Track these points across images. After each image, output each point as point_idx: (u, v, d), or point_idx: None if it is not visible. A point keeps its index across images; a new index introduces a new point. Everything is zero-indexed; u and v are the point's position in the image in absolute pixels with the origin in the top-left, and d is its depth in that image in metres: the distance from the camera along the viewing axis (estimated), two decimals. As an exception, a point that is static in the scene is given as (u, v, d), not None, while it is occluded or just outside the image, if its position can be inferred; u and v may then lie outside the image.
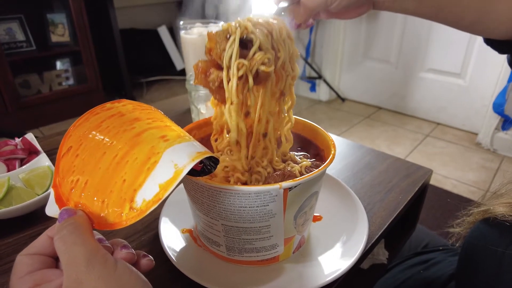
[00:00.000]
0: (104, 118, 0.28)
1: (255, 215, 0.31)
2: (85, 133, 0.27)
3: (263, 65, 0.29)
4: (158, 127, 0.27)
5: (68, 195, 0.26)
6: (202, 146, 0.26)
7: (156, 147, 0.24)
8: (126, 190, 0.23)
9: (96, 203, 0.24)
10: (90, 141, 0.27)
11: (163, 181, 0.23)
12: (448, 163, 1.64)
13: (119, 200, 0.23)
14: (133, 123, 0.27)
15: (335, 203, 0.45)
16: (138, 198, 0.23)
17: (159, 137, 0.25)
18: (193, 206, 0.35)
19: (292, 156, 0.37)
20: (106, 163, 0.25)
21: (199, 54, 0.70)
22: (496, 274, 0.35)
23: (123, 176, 0.24)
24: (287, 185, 0.29)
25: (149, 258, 0.27)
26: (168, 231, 0.40)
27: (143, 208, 0.22)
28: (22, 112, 1.95)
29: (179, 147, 0.24)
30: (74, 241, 0.22)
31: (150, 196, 0.22)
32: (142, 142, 0.25)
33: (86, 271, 0.21)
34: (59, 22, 2.10)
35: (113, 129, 0.27)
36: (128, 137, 0.25)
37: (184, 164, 0.23)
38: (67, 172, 0.27)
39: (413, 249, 0.61)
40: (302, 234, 0.37)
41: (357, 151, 0.62)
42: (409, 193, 0.50)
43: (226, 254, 0.35)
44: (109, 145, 0.25)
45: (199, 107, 0.63)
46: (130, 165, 0.24)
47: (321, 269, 0.35)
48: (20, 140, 0.56)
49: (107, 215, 0.24)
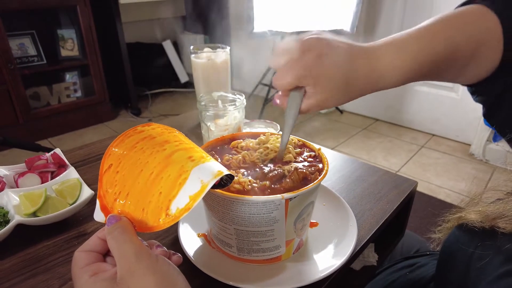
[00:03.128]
0: (137, 140, 0.35)
1: (262, 221, 0.37)
2: (123, 153, 0.34)
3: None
4: (185, 149, 0.33)
5: (112, 204, 0.32)
6: (220, 165, 0.33)
7: (185, 166, 0.31)
8: (162, 200, 0.30)
9: (137, 210, 0.31)
10: (128, 159, 0.33)
11: (192, 193, 0.29)
12: (442, 174, 1.71)
13: (157, 209, 0.30)
14: (163, 145, 0.33)
15: (329, 211, 0.52)
16: (172, 207, 0.29)
17: (186, 157, 0.32)
18: (209, 213, 0.41)
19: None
20: (144, 178, 0.31)
21: (208, 75, 0.78)
22: (466, 272, 0.39)
23: (160, 189, 0.30)
24: (288, 196, 0.36)
25: (178, 255, 0.33)
26: (186, 235, 0.46)
27: (177, 214, 0.29)
28: (32, 123, 2.03)
29: (203, 166, 0.31)
30: (124, 239, 0.28)
31: (182, 205, 0.29)
32: (173, 162, 0.31)
33: (136, 263, 0.27)
34: (69, 37, 2.19)
35: (147, 150, 0.33)
36: (161, 157, 0.32)
37: (208, 180, 0.30)
38: (110, 186, 0.33)
39: (405, 254, 0.67)
40: (301, 237, 0.43)
41: (350, 165, 0.69)
42: (395, 202, 0.57)
43: (237, 254, 0.42)
44: (145, 163, 0.32)
45: (208, 124, 0.70)
46: (165, 180, 0.31)
47: (316, 266, 0.42)
48: (50, 154, 0.63)
49: (147, 220, 0.30)
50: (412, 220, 1.33)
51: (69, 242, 0.48)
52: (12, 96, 1.91)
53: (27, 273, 0.43)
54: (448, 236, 0.45)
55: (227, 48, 0.79)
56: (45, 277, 0.43)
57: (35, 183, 0.57)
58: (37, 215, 0.50)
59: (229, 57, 0.79)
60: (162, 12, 2.73)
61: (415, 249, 0.68)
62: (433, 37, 0.39)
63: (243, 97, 0.70)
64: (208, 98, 0.71)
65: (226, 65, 0.78)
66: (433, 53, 0.39)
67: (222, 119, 0.70)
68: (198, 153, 0.33)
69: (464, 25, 0.39)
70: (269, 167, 0.42)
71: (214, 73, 0.76)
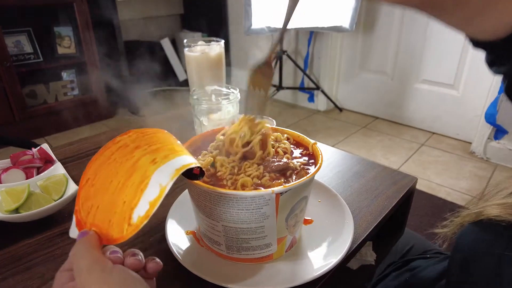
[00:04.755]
0: (113, 151, 0.33)
1: (251, 217, 0.35)
2: (99, 166, 0.33)
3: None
4: (151, 152, 0.31)
5: (86, 218, 0.31)
6: (186, 159, 0.31)
7: (148, 171, 0.29)
8: (125, 209, 0.28)
9: (105, 223, 0.29)
10: (103, 172, 0.32)
11: (152, 199, 0.27)
12: (442, 172, 1.68)
13: (121, 219, 0.28)
14: (133, 152, 0.32)
15: (325, 208, 0.49)
16: (134, 215, 0.28)
17: (149, 161, 0.30)
18: (197, 210, 0.39)
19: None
20: (112, 189, 0.30)
21: (201, 69, 0.76)
22: (496, 276, 0.35)
23: (124, 199, 0.29)
24: (279, 190, 0.34)
25: (156, 261, 0.32)
26: (174, 232, 0.44)
27: (138, 223, 0.27)
28: (29, 122, 2.00)
29: (163, 168, 0.29)
30: (82, 255, 0.28)
31: (143, 212, 0.27)
32: (138, 168, 0.30)
33: (88, 276, 0.26)
34: (66, 35, 2.17)
35: (119, 159, 0.32)
36: (128, 165, 0.30)
37: (166, 183, 0.28)
38: (85, 200, 0.32)
39: (400, 251, 0.65)
40: (293, 235, 0.41)
41: (348, 161, 0.66)
42: (394, 199, 0.55)
43: (225, 252, 0.39)
44: (115, 174, 0.31)
45: (201, 119, 0.68)
46: (129, 188, 0.29)
47: (311, 265, 0.40)
48: (36, 150, 0.61)
49: (113, 232, 0.29)
50: (412, 218, 1.30)
51: (51, 240, 0.46)
52: (8, 94, 1.89)
53: (6, 273, 0.41)
54: (463, 233, 0.41)
55: (221, 41, 0.77)
56: (24, 276, 0.41)
57: (19, 178, 0.55)
58: (19, 212, 0.48)
59: (223, 51, 0.77)
60: (160, 10, 2.71)
61: (409, 245, 0.66)
62: None
63: (238, 91, 0.68)
64: (201, 92, 0.69)
65: (220, 59, 0.76)
66: None
67: (215, 114, 0.68)
68: (162, 153, 0.31)
69: None
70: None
71: (208, 66, 0.74)
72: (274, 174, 0.37)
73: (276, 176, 0.37)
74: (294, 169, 0.38)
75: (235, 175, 0.38)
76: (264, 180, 0.36)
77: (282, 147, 0.43)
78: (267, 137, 0.40)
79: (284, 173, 0.37)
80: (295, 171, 0.37)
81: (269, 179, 0.36)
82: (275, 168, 0.37)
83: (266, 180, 0.36)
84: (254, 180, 0.36)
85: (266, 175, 0.37)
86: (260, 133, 0.40)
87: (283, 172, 0.37)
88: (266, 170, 0.38)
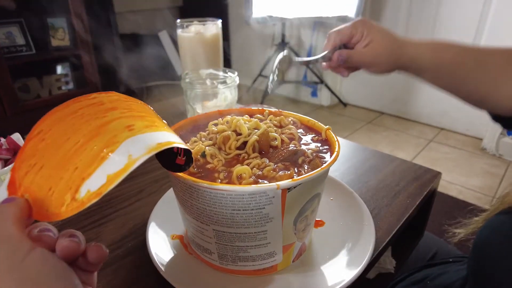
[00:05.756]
0: (83, 106, 0.26)
1: (250, 219, 0.27)
2: (59, 118, 0.25)
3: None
4: (130, 117, 0.24)
5: (22, 179, 0.23)
6: (171, 136, 0.24)
7: (118, 136, 0.22)
8: (75, 178, 0.21)
9: (43, 190, 0.22)
10: (60, 126, 0.24)
11: (112, 172, 0.20)
12: (453, 169, 1.60)
13: (65, 189, 0.21)
14: (107, 112, 0.24)
15: (338, 208, 0.42)
16: (83, 188, 0.20)
17: (125, 126, 0.23)
18: (182, 209, 0.32)
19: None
20: (65, 149, 0.22)
21: (196, 51, 0.68)
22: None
23: (77, 163, 0.21)
24: (286, 185, 0.26)
25: (99, 246, 0.23)
26: (157, 237, 0.36)
27: (85, 200, 0.20)
28: (21, 116, 1.93)
29: (142, 137, 0.22)
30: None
31: (95, 187, 0.20)
32: (106, 131, 0.22)
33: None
34: (60, 27, 2.09)
35: (86, 116, 0.24)
36: (96, 125, 0.23)
37: (138, 156, 0.20)
38: (29, 156, 0.24)
39: (421, 259, 0.57)
40: (302, 241, 0.33)
41: (360, 153, 0.59)
42: (417, 197, 0.47)
43: (218, 262, 0.32)
44: (75, 131, 0.23)
45: (195, 106, 0.60)
46: (88, 152, 0.21)
47: (323, 279, 0.32)
48: (5, 140, 0.53)
49: (49, 204, 0.21)
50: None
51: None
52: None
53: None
54: (483, 228, 0.39)
55: (218, 21, 0.69)
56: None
57: (-19, 172, 0.47)
58: (-26, 212, 0.40)
59: (220, 31, 0.69)
60: (159, 2, 2.63)
61: (432, 252, 0.58)
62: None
63: (235, 75, 0.60)
64: (195, 75, 0.61)
65: (217, 40, 0.67)
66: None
67: (211, 100, 0.60)
68: (144, 122, 0.24)
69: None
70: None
71: (203, 48, 0.66)
72: (282, 164, 0.29)
73: (285, 165, 0.29)
74: (306, 156, 0.29)
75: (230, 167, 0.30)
76: (267, 171, 0.28)
77: (287, 133, 0.35)
78: (267, 136, 0.32)
79: (294, 160, 0.29)
80: (307, 158, 0.29)
81: (273, 169, 0.28)
82: (282, 156, 0.29)
83: (269, 171, 0.28)
84: (254, 170, 0.28)
85: (270, 164, 0.29)
86: (258, 132, 0.31)
87: (292, 159, 0.29)
88: (271, 161, 0.30)
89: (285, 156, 0.29)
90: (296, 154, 0.29)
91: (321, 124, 0.37)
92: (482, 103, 0.48)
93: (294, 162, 0.29)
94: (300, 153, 0.29)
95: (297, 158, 0.29)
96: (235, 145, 0.32)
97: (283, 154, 0.29)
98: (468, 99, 0.50)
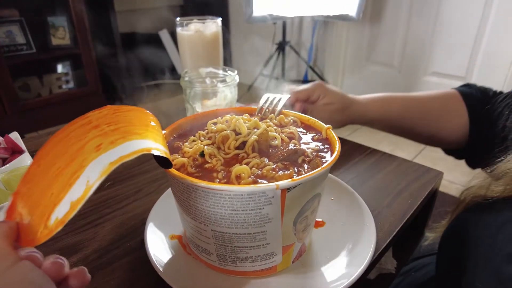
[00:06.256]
0: (75, 128, 0.26)
1: (249, 220, 0.27)
2: (56, 143, 0.25)
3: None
4: (104, 134, 0.24)
5: (16, 203, 0.23)
6: (141, 143, 0.23)
7: (87, 159, 0.22)
8: (49, 204, 0.21)
9: (27, 216, 0.22)
10: (54, 151, 0.25)
11: (75, 199, 0.20)
12: (454, 168, 1.59)
13: (41, 216, 0.21)
14: (89, 132, 0.24)
15: (339, 208, 0.41)
16: (53, 215, 0.20)
17: (95, 146, 0.23)
18: (180, 210, 0.31)
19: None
20: (50, 175, 0.22)
21: (195, 49, 0.68)
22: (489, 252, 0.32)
23: (53, 190, 0.21)
24: (285, 185, 0.25)
25: (82, 270, 0.23)
26: (155, 237, 0.36)
27: (53, 228, 0.20)
28: (22, 115, 1.93)
29: (102, 157, 0.21)
30: None
31: (61, 214, 0.20)
32: (81, 154, 0.22)
33: None
34: (60, 25, 2.09)
35: (72, 139, 0.25)
36: (75, 148, 0.23)
37: (94, 180, 0.20)
38: (27, 182, 0.25)
39: None
40: (302, 242, 0.33)
41: (361, 153, 0.58)
42: (419, 197, 0.47)
43: (217, 263, 0.31)
44: (61, 156, 0.23)
45: (194, 105, 0.59)
46: (63, 178, 0.22)
47: (324, 280, 0.31)
48: (3, 139, 0.52)
49: (29, 231, 0.21)
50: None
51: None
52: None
53: None
54: (450, 226, 0.42)
55: (217, 19, 0.68)
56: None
57: (-21, 172, 0.47)
58: (-28, 211, 0.40)
59: (220, 30, 0.68)
60: (159, 1, 2.62)
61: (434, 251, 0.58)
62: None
63: (235, 73, 0.59)
64: (194, 74, 0.61)
65: (217, 38, 0.67)
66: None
67: (210, 99, 0.59)
68: (113, 136, 0.24)
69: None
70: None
71: (202, 47, 0.65)
72: (282, 163, 0.28)
73: (284, 165, 0.28)
74: (306, 155, 0.29)
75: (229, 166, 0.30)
76: (266, 170, 0.28)
77: (287, 133, 0.35)
78: (266, 136, 0.32)
79: (294, 159, 0.29)
80: (307, 158, 0.29)
81: (273, 169, 0.28)
82: (282, 156, 0.28)
83: (268, 170, 0.28)
84: (253, 170, 0.28)
85: (270, 164, 0.28)
86: (258, 132, 0.31)
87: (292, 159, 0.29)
88: (271, 160, 0.30)
89: (284, 156, 0.29)
90: (296, 154, 0.29)
91: (322, 123, 0.37)
92: (431, 142, 0.58)
93: (294, 162, 0.29)
94: (300, 153, 0.29)
95: (297, 158, 0.29)
96: (234, 145, 0.31)
97: (283, 154, 0.29)
98: (418, 139, 0.60)
